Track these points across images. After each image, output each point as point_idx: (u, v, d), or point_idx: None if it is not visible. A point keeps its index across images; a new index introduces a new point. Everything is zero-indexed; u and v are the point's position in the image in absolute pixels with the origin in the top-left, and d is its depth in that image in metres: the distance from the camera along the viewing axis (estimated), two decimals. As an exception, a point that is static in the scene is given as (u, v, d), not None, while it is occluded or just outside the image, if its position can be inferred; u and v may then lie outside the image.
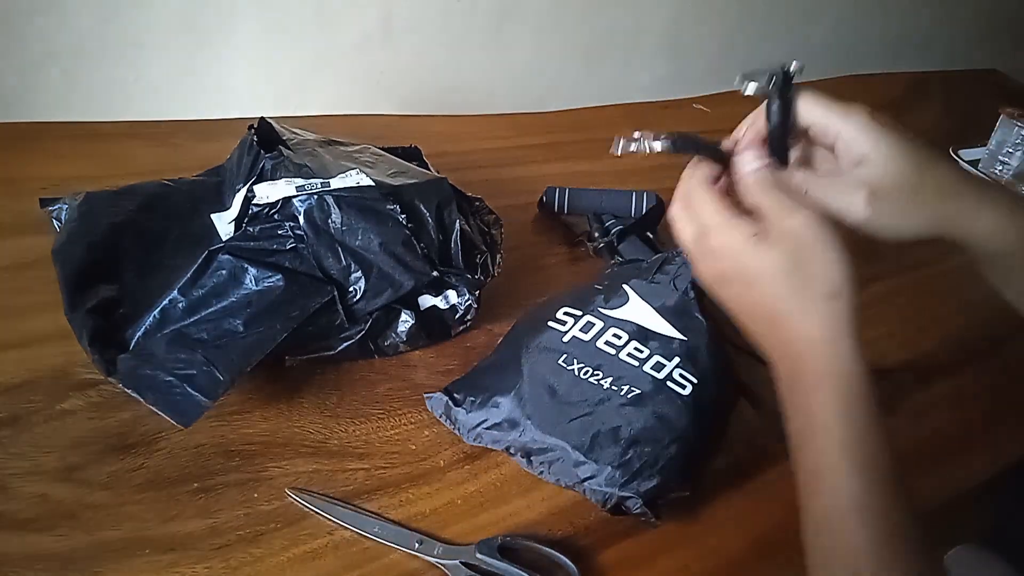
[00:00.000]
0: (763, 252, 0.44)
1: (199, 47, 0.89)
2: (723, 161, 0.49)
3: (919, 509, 0.44)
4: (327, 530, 0.51)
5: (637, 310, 0.62)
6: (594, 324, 0.61)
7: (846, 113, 0.47)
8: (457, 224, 0.66)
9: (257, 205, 0.62)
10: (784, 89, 0.47)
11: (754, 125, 0.50)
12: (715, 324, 0.62)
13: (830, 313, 0.43)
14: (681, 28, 1.24)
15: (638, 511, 0.54)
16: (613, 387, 0.57)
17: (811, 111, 0.48)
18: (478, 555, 0.50)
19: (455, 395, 0.59)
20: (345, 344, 0.62)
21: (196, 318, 0.58)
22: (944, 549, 0.65)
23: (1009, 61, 1.66)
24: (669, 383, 0.58)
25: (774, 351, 0.46)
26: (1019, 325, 0.52)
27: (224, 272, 0.59)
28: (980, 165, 1.16)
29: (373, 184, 0.63)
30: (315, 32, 0.95)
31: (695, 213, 0.48)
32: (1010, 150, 1.13)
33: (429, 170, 0.74)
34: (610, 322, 0.61)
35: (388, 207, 0.62)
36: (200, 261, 0.59)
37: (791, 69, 0.47)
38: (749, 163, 0.48)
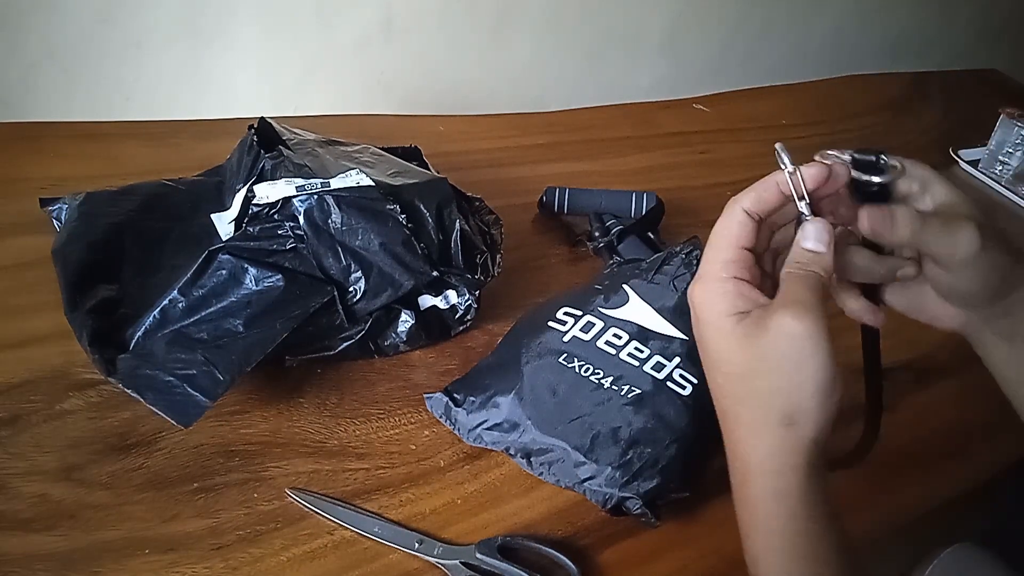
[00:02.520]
0: (737, 337, 0.39)
1: (199, 47, 0.89)
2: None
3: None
4: (327, 530, 0.51)
5: (637, 310, 0.62)
6: (594, 324, 0.61)
7: (913, 167, 0.43)
8: (457, 224, 0.66)
9: (257, 205, 0.62)
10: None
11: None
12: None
13: (781, 441, 0.39)
14: (681, 28, 1.24)
15: (638, 511, 0.54)
16: (613, 387, 0.57)
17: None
18: (478, 555, 0.50)
19: (455, 395, 0.59)
20: (345, 344, 0.62)
21: (196, 318, 0.58)
22: (943, 548, 0.65)
23: (1009, 61, 1.66)
24: (669, 383, 0.58)
25: (725, 436, 0.43)
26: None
27: (224, 272, 0.59)
28: (980, 165, 1.16)
29: (373, 184, 0.63)
30: (315, 32, 0.94)
31: (709, 245, 0.42)
32: (1010, 150, 1.13)
33: (429, 170, 0.74)
34: (610, 322, 0.61)
35: (388, 207, 0.62)
36: (200, 261, 0.59)
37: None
38: (809, 238, 0.41)
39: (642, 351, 0.60)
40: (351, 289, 0.62)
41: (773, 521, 0.40)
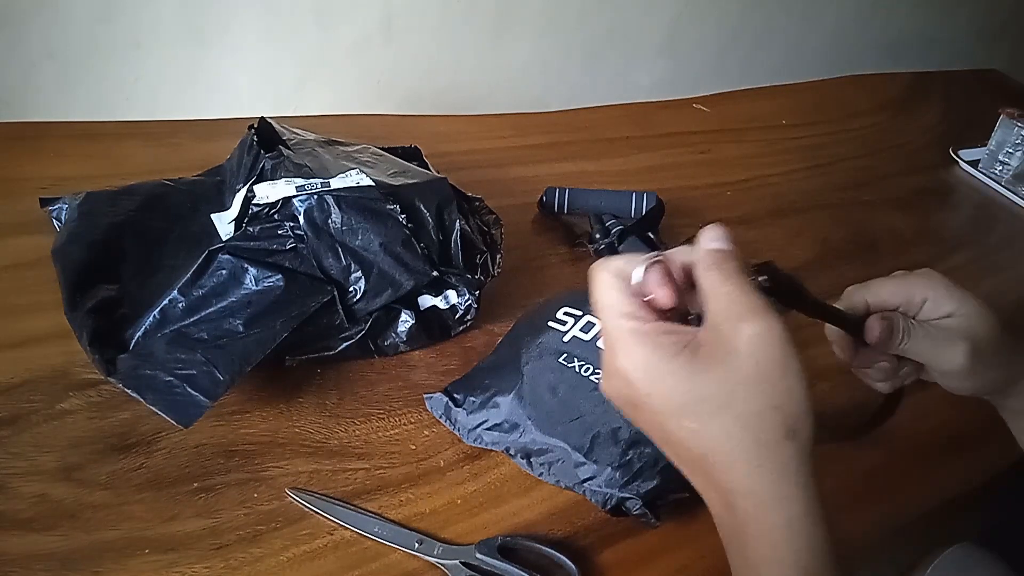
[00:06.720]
0: (700, 371, 0.34)
1: (199, 47, 0.89)
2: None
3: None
4: (327, 530, 0.51)
5: (637, 310, 0.62)
6: (594, 324, 0.61)
7: (924, 277, 0.50)
8: (457, 224, 0.66)
9: (257, 205, 0.62)
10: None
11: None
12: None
13: (783, 459, 0.34)
14: (681, 28, 1.24)
15: (638, 512, 0.54)
16: (613, 387, 0.57)
17: (890, 292, 0.50)
18: (478, 555, 0.50)
19: (455, 395, 0.59)
20: (345, 344, 0.62)
21: (196, 318, 0.58)
22: (943, 548, 0.65)
23: (1009, 61, 1.66)
24: (669, 383, 0.58)
25: (705, 492, 0.38)
26: (1020, 325, 0.52)
27: (224, 272, 0.59)
28: (980, 165, 1.16)
29: (373, 184, 0.63)
30: (315, 32, 0.94)
31: (599, 308, 0.39)
32: (1010, 150, 1.13)
33: (429, 170, 0.74)
34: (610, 322, 0.61)
35: (388, 207, 0.62)
36: (200, 261, 0.59)
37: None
38: (713, 240, 0.37)
39: (642, 351, 0.59)
40: (351, 289, 0.62)
41: (783, 554, 0.35)
